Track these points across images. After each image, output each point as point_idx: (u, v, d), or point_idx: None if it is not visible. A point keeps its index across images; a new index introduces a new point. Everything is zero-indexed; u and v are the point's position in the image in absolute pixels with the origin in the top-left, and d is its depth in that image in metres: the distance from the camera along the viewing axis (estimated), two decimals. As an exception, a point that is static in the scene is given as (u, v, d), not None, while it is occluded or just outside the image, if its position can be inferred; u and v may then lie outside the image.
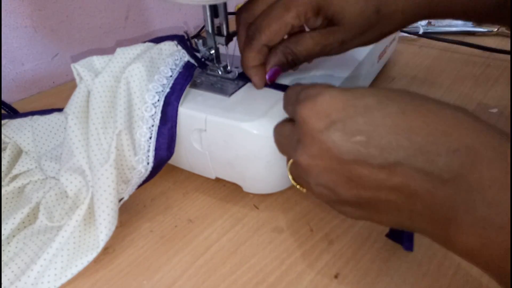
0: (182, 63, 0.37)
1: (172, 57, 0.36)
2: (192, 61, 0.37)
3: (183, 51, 0.38)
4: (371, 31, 0.33)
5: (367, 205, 0.23)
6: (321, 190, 0.24)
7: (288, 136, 0.27)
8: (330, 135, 0.22)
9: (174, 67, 0.36)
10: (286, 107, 0.28)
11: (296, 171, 0.26)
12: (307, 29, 0.33)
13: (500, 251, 0.18)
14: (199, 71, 0.39)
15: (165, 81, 0.34)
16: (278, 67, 0.33)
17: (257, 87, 0.35)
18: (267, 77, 0.34)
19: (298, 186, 0.27)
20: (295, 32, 0.33)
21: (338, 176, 0.22)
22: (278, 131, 0.29)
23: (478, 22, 0.32)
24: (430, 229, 0.21)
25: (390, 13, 0.32)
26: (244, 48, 0.33)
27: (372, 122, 0.21)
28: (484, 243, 0.19)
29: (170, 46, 0.37)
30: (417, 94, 0.22)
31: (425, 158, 0.20)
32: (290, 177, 0.27)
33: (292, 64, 0.34)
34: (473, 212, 0.19)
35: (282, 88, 0.34)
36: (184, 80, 0.35)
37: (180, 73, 0.36)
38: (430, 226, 0.21)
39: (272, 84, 0.35)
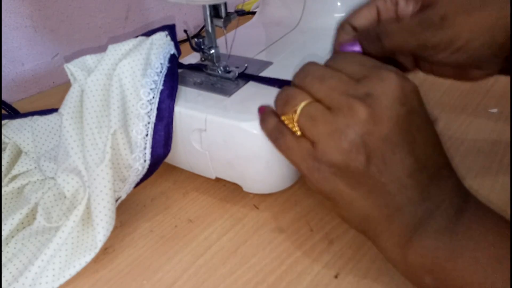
0: (168, 56, 0.36)
1: (162, 49, 0.36)
2: (177, 53, 0.38)
3: (172, 43, 0.37)
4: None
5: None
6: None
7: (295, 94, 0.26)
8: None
9: (163, 61, 0.36)
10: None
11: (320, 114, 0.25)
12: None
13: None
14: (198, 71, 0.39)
15: (156, 77, 0.34)
16: (356, 40, 0.29)
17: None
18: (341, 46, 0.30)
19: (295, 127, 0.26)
20: None
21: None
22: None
23: None
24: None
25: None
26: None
27: None
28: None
29: (161, 37, 0.37)
30: None
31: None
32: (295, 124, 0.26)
33: (376, 42, 0.29)
34: None
35: (282, 85, 0.34)
36: (175, 76, 0.35)
37: (168, 68, 0.35)
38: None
39: (273, 81, 0.35)
